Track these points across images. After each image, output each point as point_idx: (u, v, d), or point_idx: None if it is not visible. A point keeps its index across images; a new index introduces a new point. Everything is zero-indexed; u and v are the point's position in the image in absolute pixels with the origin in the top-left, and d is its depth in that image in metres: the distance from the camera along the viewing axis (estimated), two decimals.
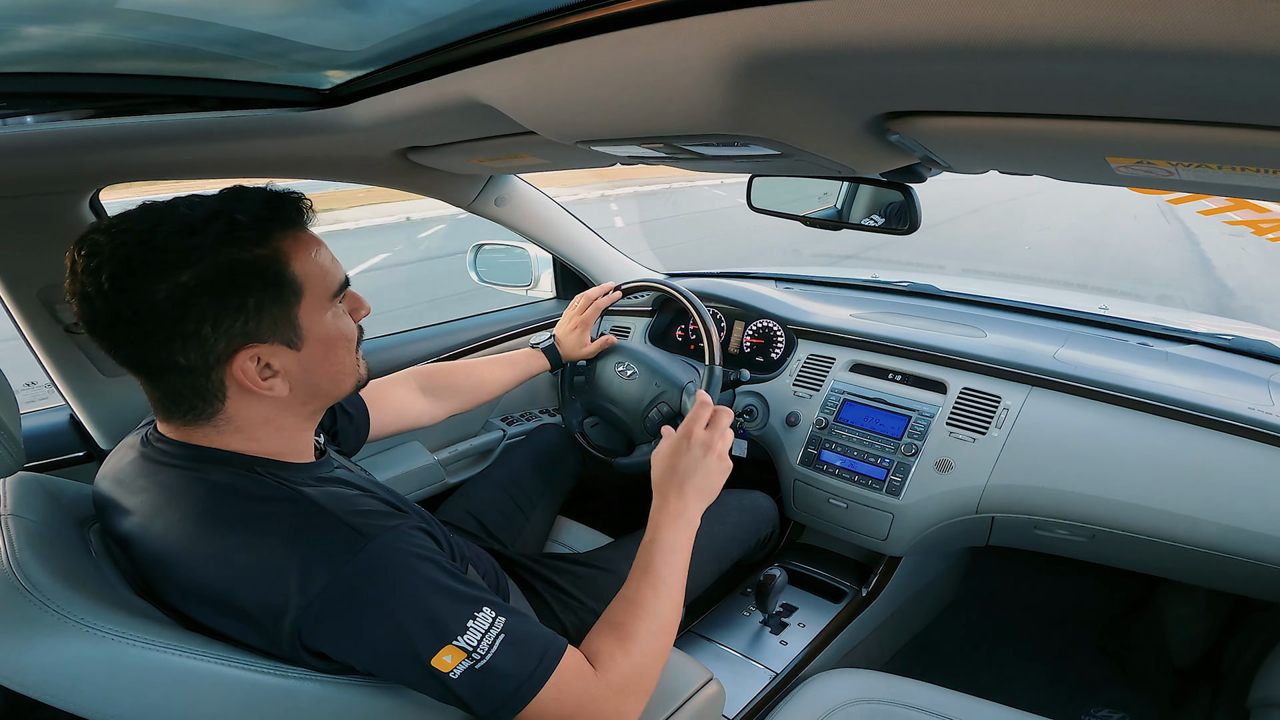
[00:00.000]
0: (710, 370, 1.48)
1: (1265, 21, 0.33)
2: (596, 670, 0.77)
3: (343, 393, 0.81)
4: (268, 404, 0.73)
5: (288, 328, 0.71)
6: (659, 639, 0.84)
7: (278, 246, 0.70)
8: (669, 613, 0.87)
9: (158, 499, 0.71)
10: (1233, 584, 1.35)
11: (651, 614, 0.84)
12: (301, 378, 0.74)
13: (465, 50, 0.75)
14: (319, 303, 0.73)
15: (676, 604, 0.89)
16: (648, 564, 0.90)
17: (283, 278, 0.70)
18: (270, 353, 0.70)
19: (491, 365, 1.42)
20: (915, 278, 2.02)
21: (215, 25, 0.72)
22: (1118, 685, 1.69)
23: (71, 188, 1.13)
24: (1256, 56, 0.35)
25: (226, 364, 0.68)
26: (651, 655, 0.82)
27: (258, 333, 0.69)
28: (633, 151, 0.86)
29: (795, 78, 0.55)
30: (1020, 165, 0.82)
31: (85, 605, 0.60)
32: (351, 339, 0.79)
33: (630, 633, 0.82)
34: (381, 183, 1.42)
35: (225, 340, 0.67)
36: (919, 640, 1.84)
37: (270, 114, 0.97)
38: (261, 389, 0.70)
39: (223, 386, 0.70)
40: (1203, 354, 1.49)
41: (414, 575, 0.68)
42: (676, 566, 0.91)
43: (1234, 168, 0.56)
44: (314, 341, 0.73)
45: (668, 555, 0.91)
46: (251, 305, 0.68)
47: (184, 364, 0.67)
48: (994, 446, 1.39)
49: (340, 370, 0.78)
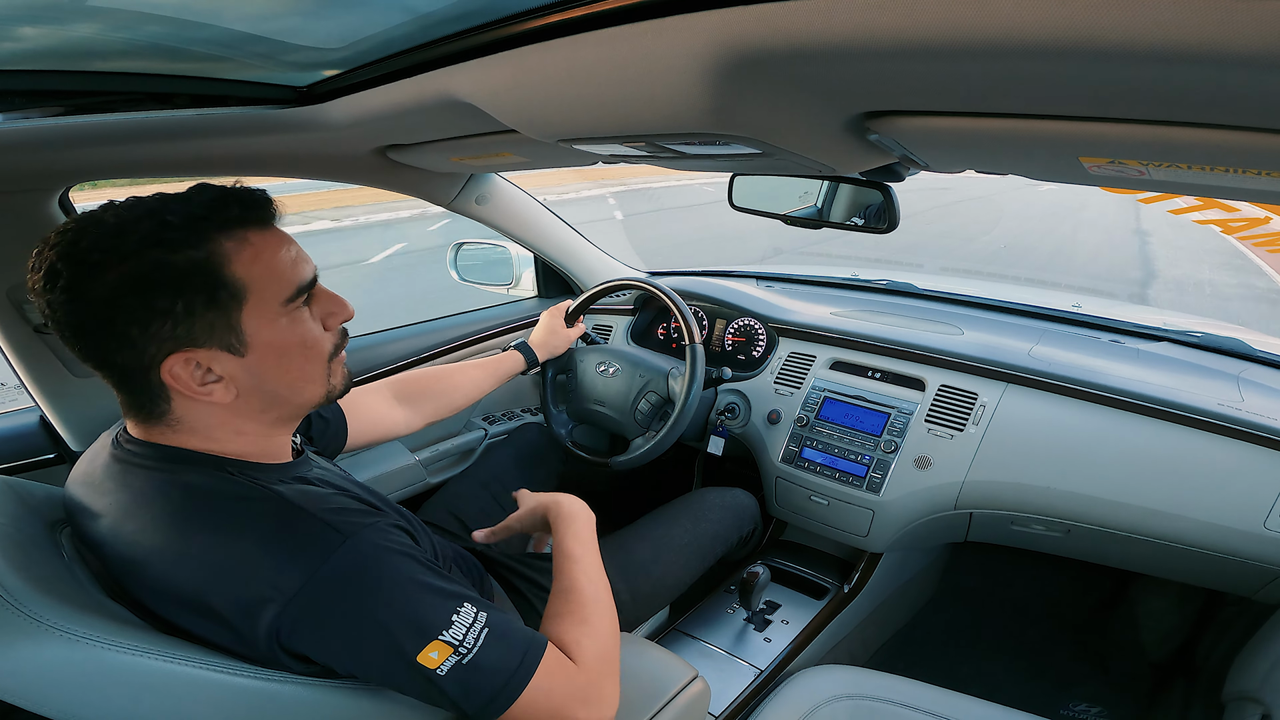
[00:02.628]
0: (692, 349, 1.48)
1: (1237, 23, 0.34)
2: (573, 659, 0.77)
3: (306, 401, 0.77)
4: (216, 408, 0.71)
5: (227, 332, 0.68)
6: (607, 615, 0.87)
7: (213, 249, 0.66)
8: (604, 591, 0.90)
9: (128, 500, 0.69)
10: (1204, 578, 1.38)
11: (582, 595, 0.88)
12: (251, 385, 0.71)
13: (446, 48, 0.75)
14: (267, 307, 0.70)
15: (599, 577, 0.92)
16: (568, 555, 0.94)
17: (218, 280, 0.66)
18: (209, 358, 0.68)
19: (466, 370, 1.41)
20: (895, 275, 2.04)
21: (190, 22, 0.71)
22: (1095, 680, 1.72)
23: (40, 186, 1.11)
24: (1228, 57, 0.36)
25: (159, 367, 0.66)
26: (609, 632, 0.84)
27: (190, 337, 0.66)
28: (614, 150, 0.86)
29: (776, 77, 0.55)
30: (996, 165, 0.83)
31: (58, 609, 0.59)
32: (314, 346, 0.75)
33: (584, 616, 0.83)
34: (361, 181, 1.41)
35: (155, 344, 0.65)
36: (901, 636, 1.86)
37: (246, 111, 0.96)
38: (198, 395, 0.68)
39: (163, 387, 0.68)
40: (1173, 351, 1.52)
41: (394, 572, 0.68)
42: (587, 550, 0.97)
43: (1204, 167, 0.57)
44: (261, 348, 0.70)
45: (567, 541, 0.97)
46: (180, 309, 0.65)
47: (121, 364, 0.66)
48: (971, 443, 1.41)
49: (298, 378, 0.74)
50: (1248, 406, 1.25)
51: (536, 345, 1.55)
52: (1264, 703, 1.18)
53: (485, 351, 1.90)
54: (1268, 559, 1.18)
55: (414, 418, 1.29)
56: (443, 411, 1.35)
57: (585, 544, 0.97)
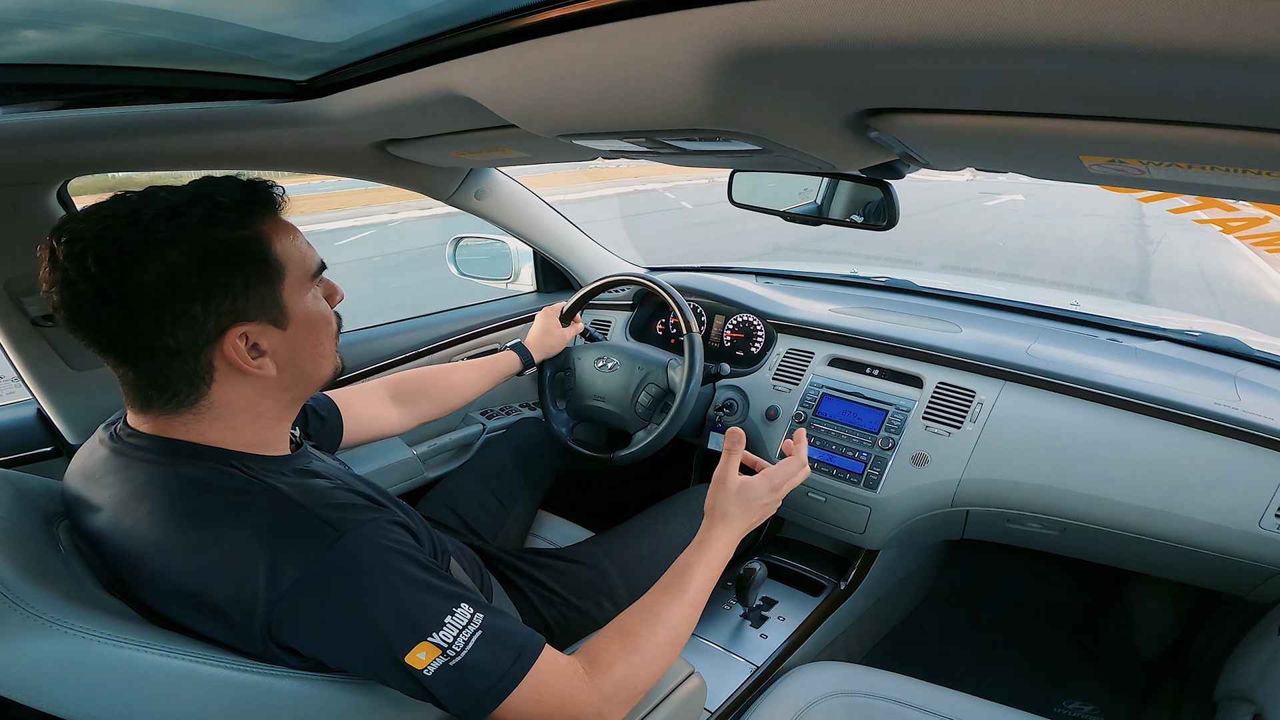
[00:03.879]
0: (689, 338, 1.47)
1: (1239, 22, 0.34)
2: (590, 672, 0.76)
3: (323, 378, 0.81)
4: (252, 388, 0.74)
5: (274, 307, 0.72)
6: (663, 653, 0.82)
7: (259, 229, 0.72)
8: (682, 627, 0.85)
9: (127, 494, 0.69)
10: (1199, 577, 1.39)
11: (665, 625, 0.83)
12: (288, 358, 0.75)
13: (446, 43, 0.75)
14: (300, 283, 0.75)
15: (691, 620, 0.87)
16: (679, 575, 0.89)
17: (267, 258, 0.71)
18: (258, 332, 0.71)
19: (462, 370, 1.41)
20: (893, 273, 2.04)
21: (190, 16, 0.71)
22: (1089, 678, 1.73)
23: (39, 179, 1.10)
24: (1229, 57, 0.36)
25: (216, 343, 0.69)
26: (651, 667, 0.81)
27: (245, 311, 0.70)
28: (614, 146, 0.86)
29: (776, 73, 0.55)
30: (996, 163, 0.83)
31: (56, 603, 0.59)
32: (331, 322, 0.81)
33: (637, 643, 0.81)
34: (360, 175, 1.40)
35: (215, 319, 0.68)
36: (896, 633, 1.86)
37: (246, 106, 0.96)
38: (251, 367, 0.71)
39: (210, 368, 0.70)
40: (1171, 350, 1.52)
41: (388, 570, 0.68)
42: (705, 582, 0.90)
43: (1204, 167, 0.57)
44: (299, 321, 0.75)
45: (699, 571, 0.90)
46: (239, 283, 0.69)
47: (173, 346, 0.67)
48: (968, 441, 1.41)
49: (321, 352, 0.79)
50: (1244, 406, 1.25)
51: (532, 346, 1.55)
52: (1256, 702, 1.19)
53: (484, 345, 1.90)
54: (1262, 558, 1.18)
55: (408, 417, 1.30)
56: (436, 411, 1.35)
57: (703, 575, 0.90)
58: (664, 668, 0.83)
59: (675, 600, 0.86)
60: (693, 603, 0.87)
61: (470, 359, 1.86)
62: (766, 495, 0.97)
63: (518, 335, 1.98)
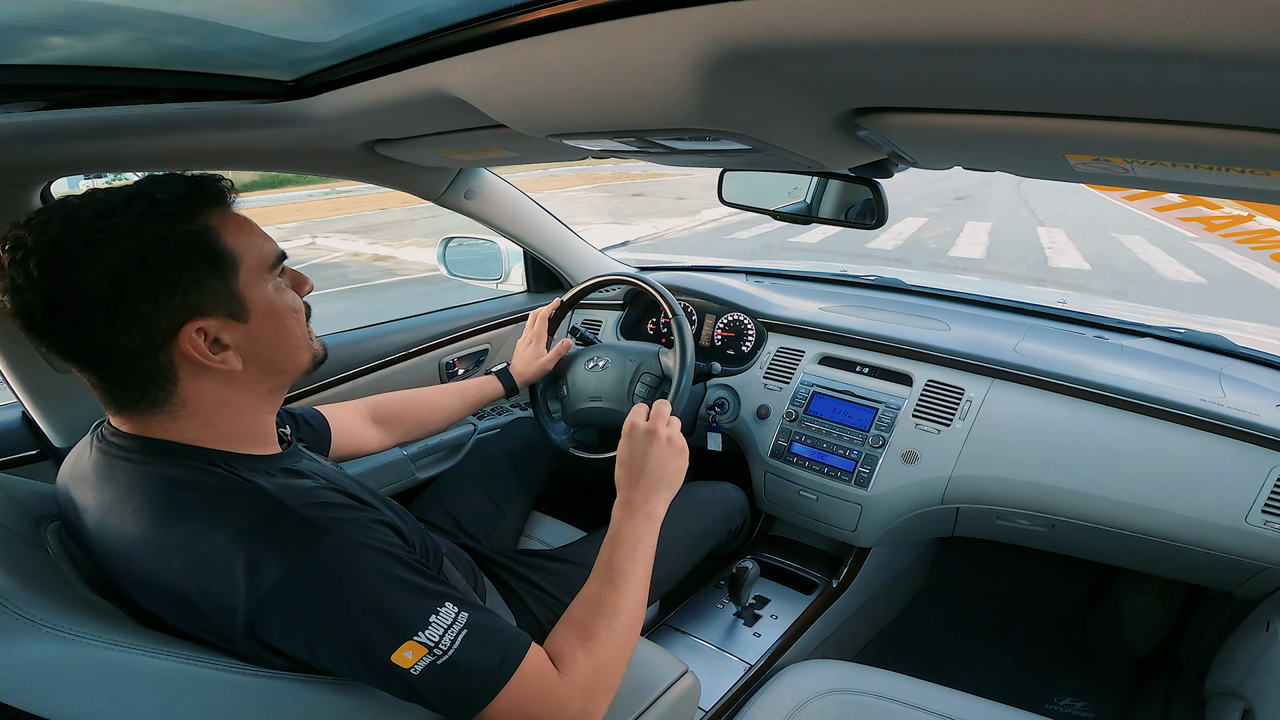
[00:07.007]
0: (676, 321, 1.45)
1: (1223, 20, 0.34)
2: (559, 669, 0.76)
3: (300, 367, 0.80)
4: (222, 383, 0.73)
5: (230, 300, 0.71)
6: (621, 635, 0.82)
7: (205, 223, 0.70)
8: (631, 609, 0.85)
9: (111, 495, 0.69)
10: (1186, 573, 1.40)
11: (613, 611, 0.83)
12: (253, 351, 0.74)
13: (435, 42, 0.74)
14: (258, 275, 0.74)
15: (640, 600, 0.87)
16: (609, 562, 0.89)
17: (217, 251, 0.70)
18: (217, 327, 0.70)
19: (442, 394, 1.41)
20: (883, 271, 2.05)
21: (175, 15, 0.70)
22: (1079, 674, 1.74)
23: (21, 180, 1.09)
24: (1214, 55, 0.37)
25: (173, 341, 0.68)
26: (614, 653, 0.81)
27: (199, 306, 0.69)
28: (604, 145, 0.86)
29: (766, 73, 0.56)
30: (984, 161, 0.84)
31: (45, 606, 0.59)
32: (299, 311, 0.80)
33: (591, 631, 0.81)
34: (348, 175, 1.40)
35: (168, 316, 0.67)
36: (889, 631, 1.87)
37: (233, 106, 0.95)
38: (214, 363, 0.70)
39: (173, 367, 0.69)
40: (1157, 347, 1.53)
41: (371, 570, 0.67)
42: (639, 561, 0.90)
43: (1188, 165, 0.58)
44: (261, 313, 0.74)
45: (628, 551, 0.90)
46: (189, 278, 0.68)
47: (129, 346, 0.66)
48: (958, 438, 1.42)
49: (293, 342, 0.78)
50: (1229, 402, 1.26)
51: (516, 372, 1.53)
52: (1245, 697, 1.20)
53: (474, 345, 1.90)
54: (1248, 554, 1.19)
55: (386, 438, 1.31)
56: (415, 434, 1.37)
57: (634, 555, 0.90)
58: (626, 651, 0.83)
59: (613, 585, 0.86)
60: (630, 584, 0.87)
61: (459, 359, 1.86)
62: (635, 440, 1.03)
63: (508, 335, 1.97)
